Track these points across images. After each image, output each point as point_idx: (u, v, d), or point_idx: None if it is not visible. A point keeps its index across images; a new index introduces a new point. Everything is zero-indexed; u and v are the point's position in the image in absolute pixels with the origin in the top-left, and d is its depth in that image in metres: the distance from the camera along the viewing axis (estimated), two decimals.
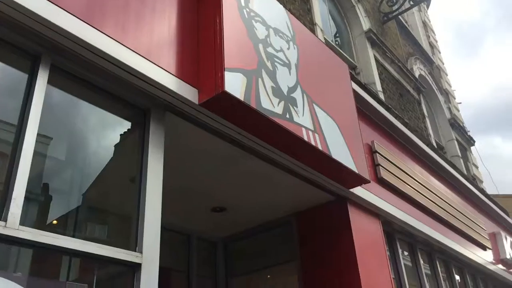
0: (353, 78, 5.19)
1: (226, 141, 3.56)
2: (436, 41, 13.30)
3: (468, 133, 11.37)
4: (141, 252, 2.61)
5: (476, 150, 13.14)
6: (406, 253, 5.96)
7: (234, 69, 3.12)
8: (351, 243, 4.46)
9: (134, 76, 2.78)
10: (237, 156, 3.79)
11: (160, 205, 2.80)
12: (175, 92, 2.96)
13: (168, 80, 2.93)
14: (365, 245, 4.63)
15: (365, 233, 4.75)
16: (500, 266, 8.18)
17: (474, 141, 11.39)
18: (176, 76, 3.00)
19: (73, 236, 2.45)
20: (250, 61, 3.36)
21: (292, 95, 3.70)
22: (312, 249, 4.75)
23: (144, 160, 2.84)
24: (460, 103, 12.80)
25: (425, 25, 12.80)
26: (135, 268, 2.57)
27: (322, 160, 3.96)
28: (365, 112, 5.50)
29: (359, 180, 4.40)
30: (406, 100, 8.46)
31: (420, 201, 5.88)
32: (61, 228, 2.61)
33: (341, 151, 4.10)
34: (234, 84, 3.07)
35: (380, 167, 5.24)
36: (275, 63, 3.63)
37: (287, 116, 3.53)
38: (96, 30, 2.57)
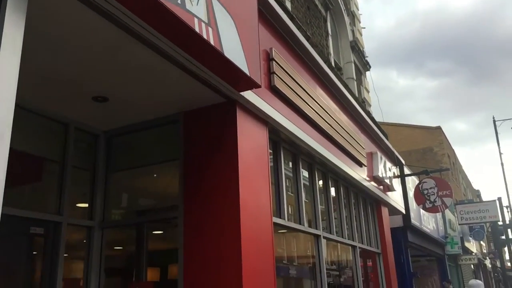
0: None
1: (112, 23, 3.19)
2: None
3: (366, 58, 11.81)
4: None
5: (370, 76, 13.80)
6: (288, 162, 6.21)
7: None
8: (235, 146, 4.47)
9: None
10: (122, 42, 3.45)
11: (15, 79, 2.44)
12: None
13: None
14: (249, 150, 4.68)
15: (250, 138, 4.78)
16: (372, 182, 8.98)
17: (370, 66, 11.89)
18: None
19: None
20: None
21: None
22: (197, 150, 4.70)
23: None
24: (364, 28, 13.12)
25: None
26: None
27: (213, 57, 3.77)
28: (267, 17, 5.32)
29: (250, 84, 4.31)
30: (312, 15, 8.39)
31: (309, 114, 6.04)
32: None
33: (234, 51, 3.93)
34: None
35: (275, 75, 5.19)
36: None
37: (178, 1, 3.22)
38: None
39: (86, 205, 5.12)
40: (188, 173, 4.66)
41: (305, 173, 6.67)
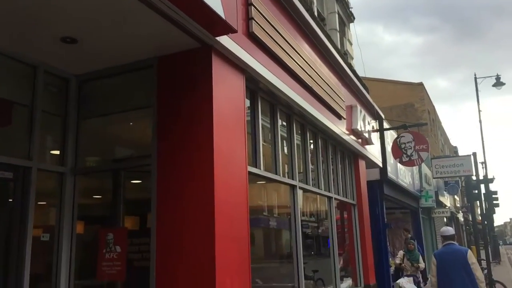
0: None
1: None
2: None
3: (351, 9, 11.56)
4: None
5: (354, 29, 13.58)
6: (266, 112, 6.14)
7: None
8: (210, 93, 4.37)
9: None
10: None
11: None
12: None
13: None
14: (224, 97, 4.58)
15: (226, 86, 4.67)
16: (351, 135, 9.01)
17: (354, 18, 11.66)
18: None
19: None
20: None
21: None
22: (171, 96, 4.58)
23: None
24: None
25: None
26: None
27: None
28: None
29: (226, 28, 4.16)
30: None
31: (289, 64, 5.91)
32: None
33: None
34: None
35: (254, 21, 5.02)
36: None
37: None
38: None
39: (58, 152, 5.01)
40: (161, 121, 4.56)
41: (283, 124, 6.63)
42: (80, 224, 5.15)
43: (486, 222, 25.44)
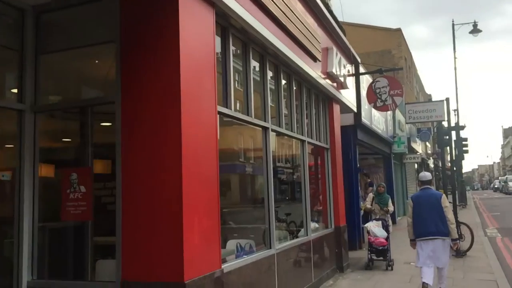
0: None
1: None
2: None
3: None
4: None
5: None
6: (238, 51, 5.91)
7: None
8: (177, 27, 4.11)
9: None
10: None
11: None
12: None
13: None
14: (192, 33, 4.33)
15: (194, 20, 4.41)
16: (326, 79, 8.85)
17: None
18: None
19: None
20: None
21: None
22: (135, 31, 4.30)
23: None
24: None
25: None
26: None
27: None
28: None
29: None
30: None
31: (263, 1, 5.62)
32: None
33: None
34: None
35: None
36: None
37: None
38: None
39: (16, 90, 4.72)
40: (125, 56, 4.30)
41: (256, 64, 6.41)
42: (46, 167, 4.97)
43: (455, 168, 26.23)
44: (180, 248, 3.91)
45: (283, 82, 7.36)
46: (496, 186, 69.19)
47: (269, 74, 6.72)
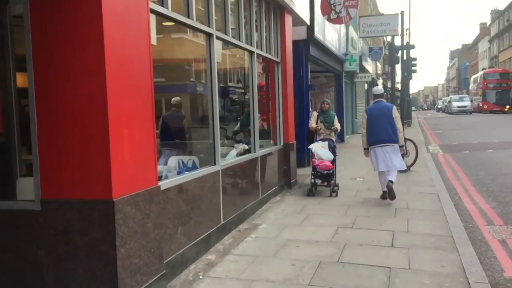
0: None
1: None
2: None
3: None
4: None
5: None
6: None
7: None
8: None
9: None
10: None
11: None
12: None
13: None
14: None
15: None
16: None
17: None
18: None
19: None
20: None
21: None
22: None
23: None
24: None
25: None
26: None
27: None
28: None
29: None
30: None
31: None
32: None
33: None
34: None
35: None
36: None
37: None
38: None
39: None
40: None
41: None
42: None
43: (402, 87, 26.61)
44: (107, 163, 3.46)
45: None
46: (439, 106, 71.91)
47: None
